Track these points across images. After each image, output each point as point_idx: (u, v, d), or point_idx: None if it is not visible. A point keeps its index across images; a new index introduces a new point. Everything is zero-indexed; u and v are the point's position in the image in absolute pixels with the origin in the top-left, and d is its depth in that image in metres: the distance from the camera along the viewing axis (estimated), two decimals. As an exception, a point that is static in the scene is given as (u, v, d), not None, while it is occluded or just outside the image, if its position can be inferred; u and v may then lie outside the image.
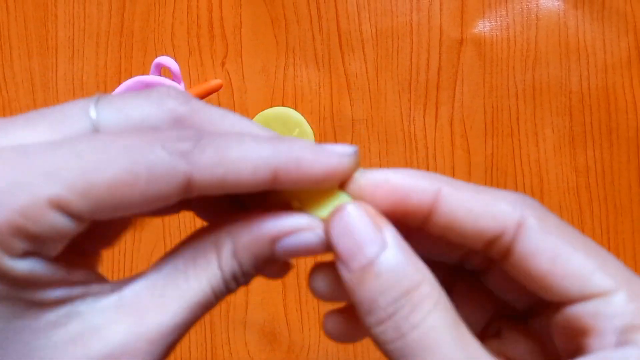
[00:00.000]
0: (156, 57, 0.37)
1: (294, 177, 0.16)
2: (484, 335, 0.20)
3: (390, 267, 0.16)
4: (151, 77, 0.36)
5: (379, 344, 0.16)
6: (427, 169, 0.37)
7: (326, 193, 0.17)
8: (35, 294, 0.15)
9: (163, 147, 0.15)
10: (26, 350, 0.15)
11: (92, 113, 0.16)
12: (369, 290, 0.16)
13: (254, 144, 0.16)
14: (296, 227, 0.17)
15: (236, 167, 0.15)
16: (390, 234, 0.16)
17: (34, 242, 0.14)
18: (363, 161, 0.37)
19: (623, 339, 0.15)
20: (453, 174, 0.36)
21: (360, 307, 0.16)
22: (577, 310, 0.16)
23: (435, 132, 0.37)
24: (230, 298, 0.37)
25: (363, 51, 0.37)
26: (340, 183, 0.17)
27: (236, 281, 0.17)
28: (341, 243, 0.16)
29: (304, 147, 0.16)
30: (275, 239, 0.17)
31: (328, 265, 0.18)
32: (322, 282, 0.18)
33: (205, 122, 0.17)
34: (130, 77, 0.38)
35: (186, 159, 0.15)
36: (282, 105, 0.37)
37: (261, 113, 0.37)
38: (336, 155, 0.16)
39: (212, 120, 0.17)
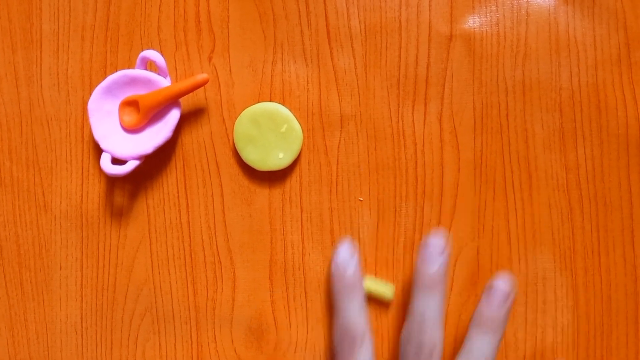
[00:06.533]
0: (142, 51, 0.37)
1: None
2: None
3: None
4: (137, 72, 0.36)
5: None
6: (416, 165, 0.36)
7: None
8: None
9: None
10: None
11: None
12: None
13: None
14: None
15: None
16: None
17: None
18: (351, 158, 0.37)
19: None
20: (442, 170, 0.36)
21: None
22: None
23: (424, 128, 0.36)
24: (216, 295, 0.37)
25: (352, 47, 0.36)
26: None
27: None
28: None
29: None
30: None
31: None
32: None
33: None
34: (116, 71, 0.37)
35: None
36: (270, 101, 0.37)
37: (249, 108, 0.36)
38: None
39: None
